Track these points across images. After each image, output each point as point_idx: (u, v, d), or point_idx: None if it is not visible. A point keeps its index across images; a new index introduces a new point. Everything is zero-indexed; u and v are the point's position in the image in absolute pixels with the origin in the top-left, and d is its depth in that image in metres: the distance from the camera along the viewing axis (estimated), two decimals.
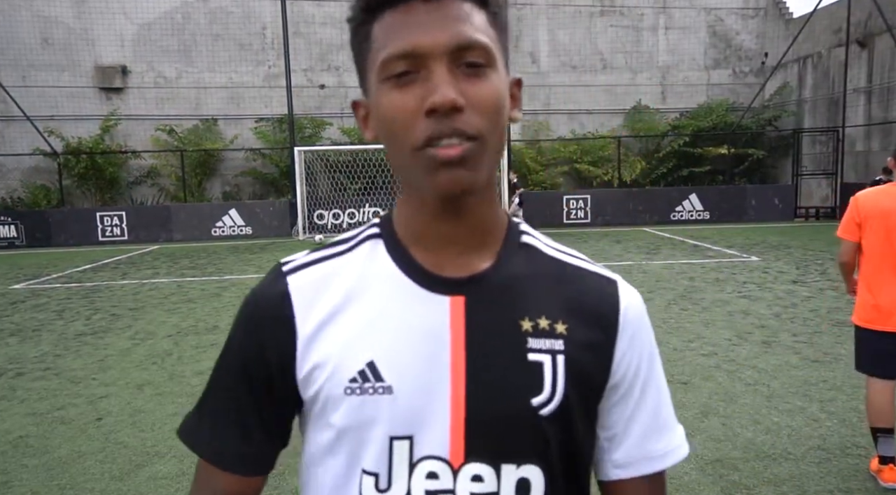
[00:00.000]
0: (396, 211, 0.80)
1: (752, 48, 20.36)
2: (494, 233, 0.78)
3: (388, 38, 0.67)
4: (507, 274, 0.76)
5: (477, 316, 0.73)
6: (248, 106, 18.69)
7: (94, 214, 16.27)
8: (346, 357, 0.72)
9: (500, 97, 0.69)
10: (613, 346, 0.77)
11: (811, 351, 5.35)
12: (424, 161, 0.67)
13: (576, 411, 0.75)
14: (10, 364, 5.58)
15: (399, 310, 0.73)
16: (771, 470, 3.31)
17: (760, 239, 13.43)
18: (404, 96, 0.66)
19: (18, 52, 17.56)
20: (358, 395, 0.71)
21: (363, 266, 0.77)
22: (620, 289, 0.81)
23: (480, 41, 0.67)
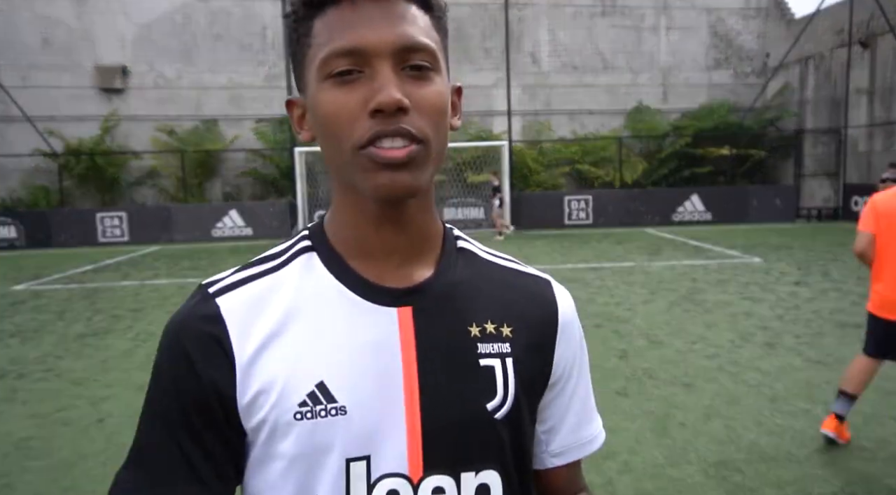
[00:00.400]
0: (330, 220, 0.76)
1: (754, 49, 20.35)
2: (433, 240, 0.76)
3: (332, 35, 0.65)
4: (449, 281, 0.75)
5: (426, 325, 0.72)
6: (248, 106, 18.69)
7: (94, 215, 16.27)
8: (293, 380, 0.68)
9: (444, 101, 0.68)
10: (554, 345, 0.79)
11: (814, 352, 5.34)
12: (365, 161, 0.65)
13: (525, 412, 0.76)
14: (12, 365, 5.57)
15: (344, 325, 0.70)
16: (775, 473, 3.29)
17: (762, 240, 13.42)
18: (347, 95, 0.64)
19: (19, 52, 17.56)
20: (309, 419, 0.67)
21: (299, 281, 0.72)
22: (555, 289, 0.83)
23: (426, 43, 0.66)
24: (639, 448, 3.62)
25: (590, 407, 0.86)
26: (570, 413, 0.83)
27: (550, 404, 0.81)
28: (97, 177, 17.75)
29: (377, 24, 0.64)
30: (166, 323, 0.73)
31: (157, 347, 0.73)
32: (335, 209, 0.75)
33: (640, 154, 19.34)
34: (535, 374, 0.77)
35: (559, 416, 0.82)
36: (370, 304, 0.71)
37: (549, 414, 0.81)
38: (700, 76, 20.15)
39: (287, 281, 0.73)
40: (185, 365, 0.69)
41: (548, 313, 0.80)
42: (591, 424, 0.85)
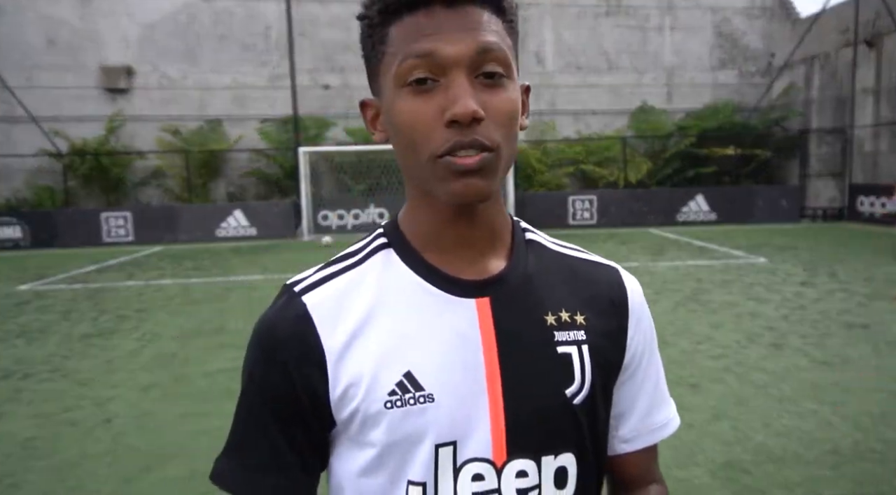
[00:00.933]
0: (405, 217, 0.79)
1: (759, 48, 20.28)
2: (503, 233, 0.80)
3: (408, 43, 0.67)
4: (523, 272, 0.78)
5: (504, 316, 0.75)
6: (252, 106, 18.70)
7: (98, 215, 16.30)
8: (381, 371, 0.71)
9: (516, 108, 0.70)
10: (626, 330, 0.82)
11: (821, 353, 5.31)
12: (441, 169, 0.67)
13: (601, 398, 0.79)
14: (17, 365, 5.57)
15: (426, 317, 0.74)
16: (783, 474, 3.27)
17: (767, 240, 13.37)
18: (424, 104, 0.67)
19: (23, 52, 17.61)
20: (399, 408, 0.71)
21: (380, 277, 0.76)
22: (623, 276, 0.86)
23: (501, 51, 0.68)
24: None
25: (661, 392, 0.87)
26: (641, 397, 0.84)
27: (621, 388, 0.83)
28: (102, 178, 17.78)
29: (453, 33, 0.66)
30: (255, 323, 0.77)
31: (248, 346, 0.77)
32: (410, 207, 0.78)
33: (645, 154, 19.30)
34: (610, 360, 0.80)
35: (630, 400, 0.84)
36: (450, 296, 0.74)
37: (620, 398, 0.83)
38: (705, 76, 20.09)
39: (368, 276, 0.76)
40: (277, 365, 0.73)
41: (619, 299, 0.83)
42: (663, 409, 0.86)
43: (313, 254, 12.90)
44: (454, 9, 0.67)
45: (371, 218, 17.08)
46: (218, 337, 6.34)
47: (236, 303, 8.09)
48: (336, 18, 18.91)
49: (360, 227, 17.00)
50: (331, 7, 18.89)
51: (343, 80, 19.03)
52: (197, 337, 6.38)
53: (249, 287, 9.25)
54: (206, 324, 6.95)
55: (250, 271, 10.88)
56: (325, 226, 16.92)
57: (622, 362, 0.81)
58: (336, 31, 18.92)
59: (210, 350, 5.85)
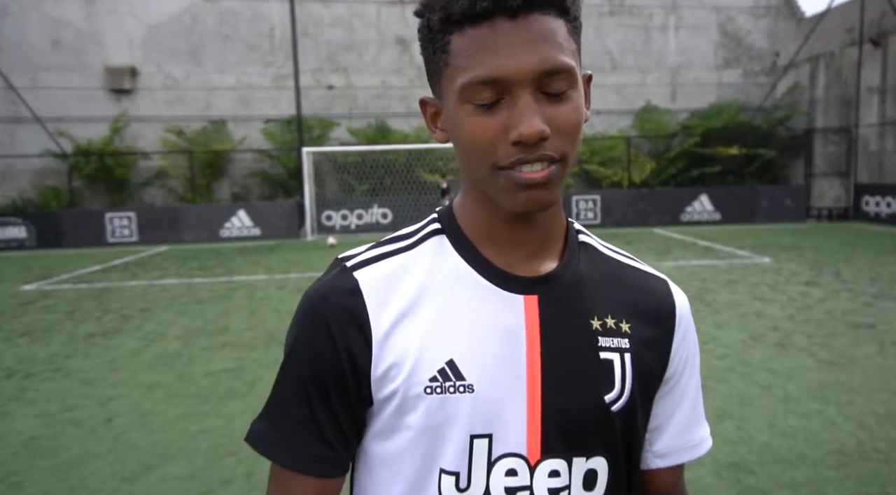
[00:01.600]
0: (460, 207, 0.79)
1: (764, 47, 20.21)
2: (558, 233, 0.79)
3: (472, 60, 0.66)
4: (573, 274, 0.78)
5: (550, 315, 0.75)
6: (256, 107, 18.73)
7: (103, 215, 16.35)
8: (425, 355, 0.71)
9: (581, 117, 0.69)
10: (671, 343, 0.81)
11: (827, 353, 5.28)
12: (505, 181, 0.67)
13: (638, 405, 0.78)
14: (21, 364, 5.59)
15: (474, 307, 0.73)
16: (788, 474, 3.25)
17: (772, 240, 13.32)
18: (488, 120, 0.66)
19: (28, 53, 17.68)
20: (439, 394, 0.71)
21: (432, 262, 0.76)
22: (672, 288, 0.85)
23: (567, 64, 0.66)
24: None
25: (699, 410, 0.86)
26: (679, 412, 0.83)
27: (660, 401, 0.82)
28: (106, 178, 17.84)
29: (517, 49, 0.64)
30: (304, 294, 0.76)
31: (294, 316, 0.76)
32: (467, 201, 0.77)
33: (649, 154, 19.25)
34: (651, 371, 0.79)
35: (668, 415, 0.83)
36: (499, 290, 0.74)
37: (658, 412, 0.82)
38: (709, 75, 20.03)
39: (420, 260, 0.76)
40: (324, 336, 0.72)
41: (666, 311, 0.82)
42: (699, 427, 0.85)
43: (317, 254, 12.90)
44: (517, 21, 0.65)
45: (374, 218, 17.08)
46: (221, 337, 6.34)
47: (240, 303, 8.09)
48: (339, 19, 18.93)
49: (363, 228, 17.01)
50: (334, 7, 18.90)
51: (346, 81, 19.04)
52: (200, 336, 6.39)
53: (253, 287, 9.26)
54: (210, 324, 6.96)
55: (254, 271, 10.89)
56: (329, 227, 16.93)
57: (664, 374, 0.81)
58: (339, 31, 18.94)
59: (213, 350, 5.85)
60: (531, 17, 0.65)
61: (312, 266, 11.25)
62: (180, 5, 18.34)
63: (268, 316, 7.23)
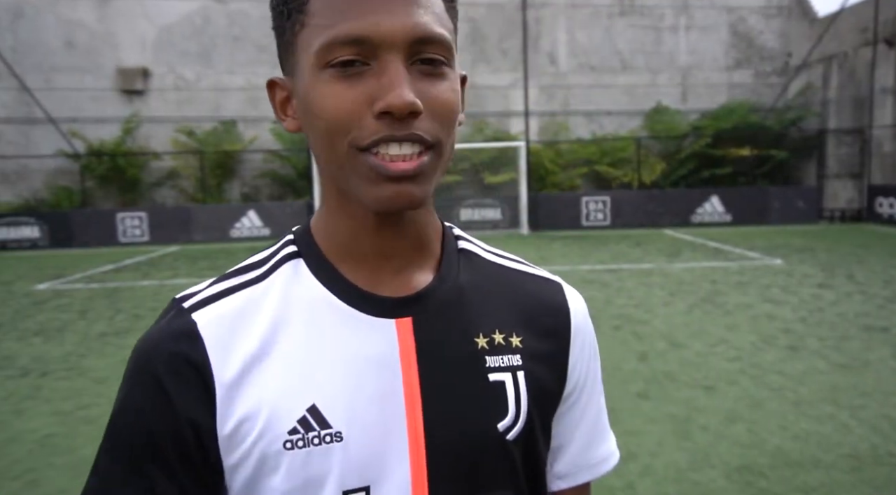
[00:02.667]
0: (318, 222, 0.69)
1: (776, 48, 20.08)
2: (433, 241, 0.69)
3: (335, 17, 0.56)
4: (452, 287, 0.68)
5: (427, 339, 0.65)
6: (266, 107, 18.77)
7: (115, 215, 16.49)
8: (282, 404, 0.60)
9: (457, 100, 0.61)
10: (567, 354, 0.72)
11: (839, 356, 5.24)
12: (367, 168, 0.57)
13: (539, 430, 0.69)
14: (35, 363, 5.65)
15: (337, 340, 0.63)
16: (801, 478, 3.23)
17: (784, 241, 13.23)
18: (349, 89, 0.56)
19: (42, 55, 17.86)
20: (301, 448, 0.60)
21: (285, 292, 0.65)
22: (567, 292, 0.75)
23: (443, 35, 0.58)
24: (660, 451, 3.57)
25: (602, 424, 0.77)
26: (580, 429, 0.74)
27: (561, 419, 0.73)
28: (118, 178, 17.99)
29: (389, 9, 0.55)
30: (136, 343, 0.65)
31: (125, 370, 0.64)
32: (325, 211, 0.68)
33: (659, 155, 19.17)
34: (548, 388, 0.70)
35: (568, 433, 0.73)
36: (365, 316, 0.64)
37: (559, 431, 0.73)
38: (720, 76, 19.93)
39: (271, 292, 0.65)
40: (157, 392, 0.60)
41: (560, 319, 0.72)
42: (603, 443, 0.76)
43: None
44: None
45: None
46: None
47: None
48: None
49: None
50: None
51: None
52: None
53: None
54: None
55: None
56: None
57: (562, 391, 0.71)
58: None
59: None
60: None
61: None
62: (191, 7, 18.47)
63: None
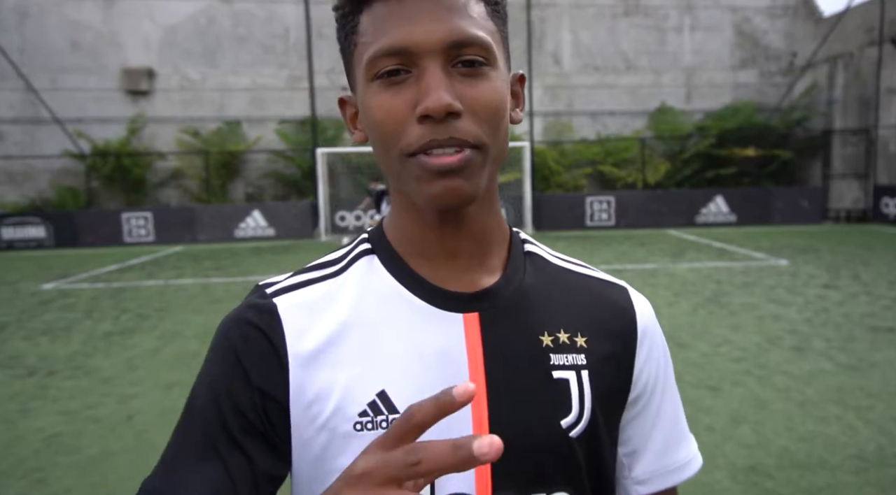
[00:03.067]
0: (389, 223, 0.73)
1: (780, 48, 20.02)
2: (498, 242, 0.72)
3: (378, 32, 0.61)
4: (518, 286, 0.71)
5: (494, 333, 0.67)
6: (271, 108, 18.86)
7: (120, 215, 16.54)
8: (353, 388, 0.64)
9: (501, 99, 0.63)
10: (633, 357, 0.73)
11: (845, 357, 5.22)
12: (417, 169, 0.61)
13: (602, 430, 0.70)
14: (42, 363, 5.67)
15: (408, 331, 0.66)
16: (807, 479, 3.23)
17: (789, 242, 13.19)
18: (394, 98, 0.61)
19: (48, 55, 17.93)
20: (370, 431, 0.63)
21: (360, 285, 0.69)
22: (633, 296, 0.77)
23: (479, 37, 0.61)
24: None
25: (680, 428, 0.77)
26: (655, 433, 0.75)
27: (632, 423, 0.74)
28: (123, 178, 18.05)
29: (425, 19, 0.60)
30: (221, 320, 0.70)
31: (210, 345, 0.69)
32: (394, 211, 0.72)
33: (663, 155, 19.14)
34: (614, 389, 0.71)
35: (643, 437, 0.74)
36: (434, 309, 0.67)
37: (631, 435, 0.74)
38: (725, 76, 19.88)
39: (347, 285, 0.69)
40: (234, 364, 0.65)
41: (626, 322, 0.74)
42: (682, 447, 0.77)
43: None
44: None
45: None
46: None
47: None
48: None
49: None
50: None
51: None
52: None
53: None
54: None
55: (268, 271, 10.96)
56: (343, 227, 17.00)
57: (628, 392, 0.73)
58: None
59: None
60: None
61: None
62: (196, 7, 18.52)
63: None
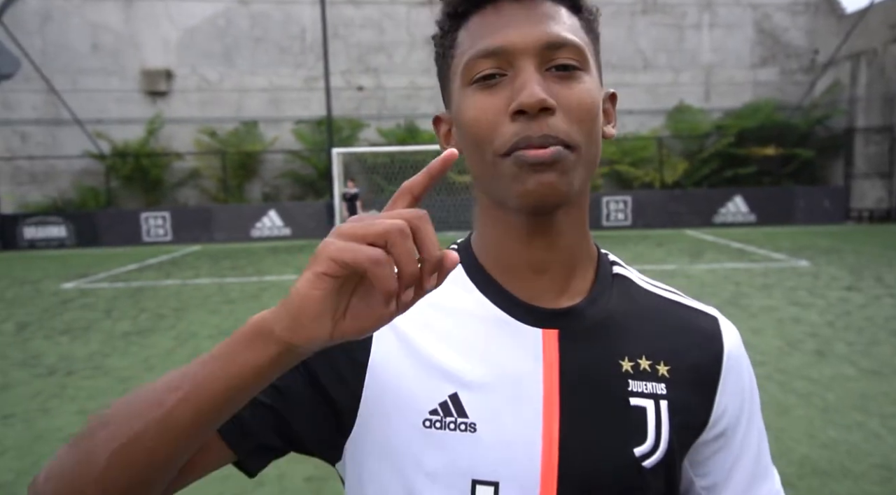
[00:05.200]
0: (476, 237, 0.74)
1: (802, 45, 19.71)
2: (586, 263, 0.72)
3: (474, 40, 0.64)
4: (603, 308, 0.70)
5: (572, 352, 0.67)
6: (287, 108, 18.97)
7: (139, 215, 16.75)
8: (427, 386, 0.66)
9: (594, 101, 0.63)
10: (716, 389, 0.71)
11: (868, 361, 5.11)
12: (511, 167, 0.61)
13: (677, 462, 0.69)
14: (62, 362, 5.74)
15: (485, 340, 0.67)
16: (829, 488, 3.16)
17: (810, 242, 12.98)
18: (490, 98, 0.62)
19: (69, 57, 18.19)
20: (438, 429, 0.64)
21: (446, 292, 0.69)
22: (722, 326, 0.74)
23: (573, 40, 0.63)
24: None
25: (764, 464, 0.75)
26: (737, 469, 0.72)
27: (714, 456, 0.72)
28: (142, 178, 18.26)
29: (520, 24, 0.62)
30: None
31: None
32: (480, 225, 0.72)
33: (681, 154, 18.94)
34: (692, 422, 0.69)
35: (725, 471, 0.72)
36: (514, 322, 0.68)
37: (712, 468, 0.72)
38: (745, 74, 19.62)
39: (433, 292, 0.70)
40: None
41: (711, 352, 0.72)
42: (765, 482, 0.74)
43: None
44: (523, 3, 0.63)
45: None
46: None
47: (270, 303, 8.13)
48: (369, 20, 19.04)
49: None
50: (364, 9, 19.03)
51: (376, 82, 19.15)
52: None
53: (283, 287, 9.37)
54: (241, 323, 6.95)
55: (284, 271, 11.02)
56: None
57: (707, 423, 0.71)
58: (369, 32, 19.06)
59: None
60: (538, 2, 0.64)
61: None
62: (214, 9, 18.67)
63: None
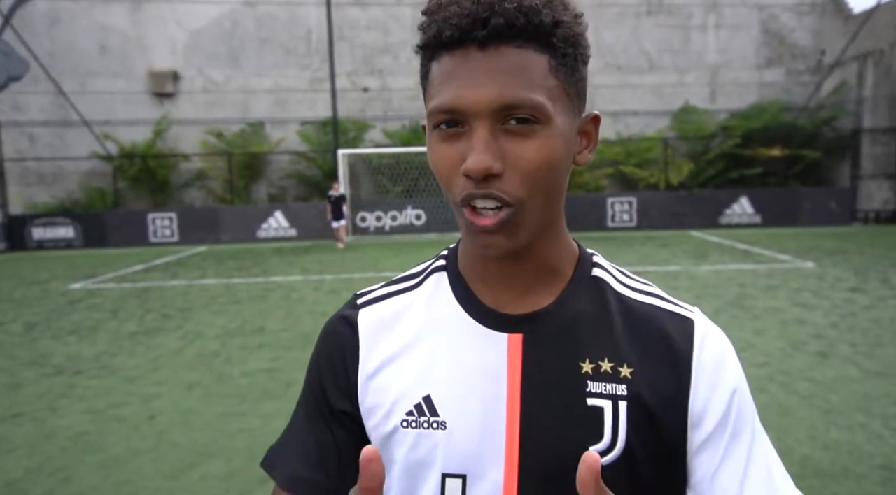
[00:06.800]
0: (461, 244, 0.79)
1: (808, 46, 19.64)
2: (562, 268, 0.75)
3: (440, 86, 0.65)
4: (570, 311, 0.73)
5: (534, 355, 0.71)
6: (293, 109, 19.04)
7: (145, 216, 16.85)
8: (406, 391, 0.73)
9: (547, 157, 0.64)
10: (688, 391, 0.71)
11: (872, 363, 5.11)
12: (465, 220, 0.67)
13: (642, 463, 0.69)
14: (69, 362, 5.80)
15: (457, 346, 0.73)
16: (830, 489, 3.16)
17: (815, 244, 12.93)
18: (448, 149, 0.66)
19: (77, 59, 18.32)
20: (413, 429, 0.72)
21: (428, 302, 0.77)
22: (697, 326, 0.74)
23: (529, 99, 0.62)
24: None
25: (760, 478, 0.70)
26: (720, 479, 0.69)
27: (698, 464, 0.70)
28: (149, 179, 18.37)
29: (478, 80, 0.62)
30: (327, 319, 0.84)
31: (317, 338, 0.84)
32: (462, 236, 0.76)
33: (686, 155, 18.91)
34: (662, 422, 0.69)
35: (707, 482, 0.70)
36: (482, 328, 0.73)
37: (699, 478, 0.70)
38: (750, 75, 19.57)
39: (418, 299, 0.78)
40: (325, 364, 0.79)
41: (681, 353, 0.71)
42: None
43: (353, 256, 13.04)
44: (487, 52, 0.62)
45: (408, 220, 17.19)
46: (258, 337, 6.47)
47: (276, 303, 8.24)
48: (375, 22, 19.09)
49: (397, 229, 17.12)
50: (370, 10, 19.08)
51: (382, 83, 19.20)
52: (238, 336, 6.53)
53: (289, 288, 9.42)
54: (247, 324, 7.10)
55: (290, 272, 11.07)
56: (363, 228, 17.10)
57: (685, 429, 0.70)
58: (375, 34, 19.11)
59: (250, 350, 5.98)
60: (502, 49, 0.62)
61: (347, 267, 11.37)
62: (221, 11, 18.77)
63: (303, 316, 7.35)
